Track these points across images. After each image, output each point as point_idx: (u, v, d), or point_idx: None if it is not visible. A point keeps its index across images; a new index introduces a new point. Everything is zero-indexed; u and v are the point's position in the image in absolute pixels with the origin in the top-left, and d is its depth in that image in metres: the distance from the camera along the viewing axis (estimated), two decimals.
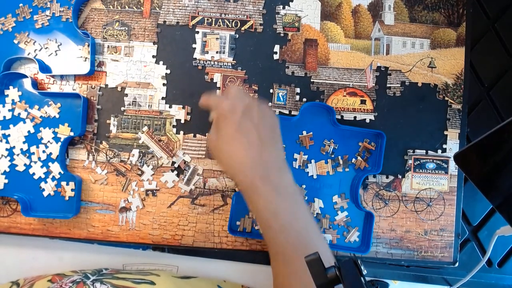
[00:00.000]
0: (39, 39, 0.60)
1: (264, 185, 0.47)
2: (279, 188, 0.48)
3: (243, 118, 0.48)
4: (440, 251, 0.60)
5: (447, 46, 0.63)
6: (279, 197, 0.48)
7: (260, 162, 0.48)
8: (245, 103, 0.49)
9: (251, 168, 0.47)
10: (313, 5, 0.62)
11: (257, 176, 0.47)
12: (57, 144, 0.58)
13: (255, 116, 0.49)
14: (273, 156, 0.50)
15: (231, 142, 0.48)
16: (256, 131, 0.48)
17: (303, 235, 0.48)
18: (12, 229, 0.59)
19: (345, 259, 0.37)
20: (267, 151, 0.49)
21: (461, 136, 0.61)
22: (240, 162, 0.47)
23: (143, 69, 0.61)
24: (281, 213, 0.47)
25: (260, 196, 0.47)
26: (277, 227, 0.47)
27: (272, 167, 0.49)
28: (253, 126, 0.48)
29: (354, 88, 0.62)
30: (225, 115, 0.48)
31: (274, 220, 0.47)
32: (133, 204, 0.59)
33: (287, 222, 0.47)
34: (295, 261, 0.46)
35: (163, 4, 0.61)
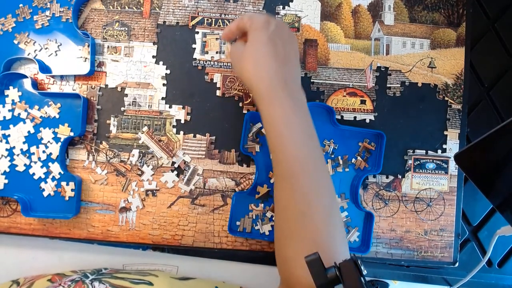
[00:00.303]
0: (39, 40, 0.60)
1: (284, 92, 0.48)
2: (296, 101, 0.49)
3: (275, 32, 0.50)
4: (440, 251, 0.60)
5: (447, 46, 0.63)
6: (296, 108, 0.48)
7: (283, 72, 0.49)
8: (278, 22, 0.52)
9: (275, 74, 0.48)
10: (313, 5, 0.62)
11: (278, 83, 0.48)
12: (57, 144, 0.58)
13: (286, 35, 0.51)
14: (294, 73, 0.51)
15: (261, 49, 0.49)
16: (283, 47, 0.50)
17: (312, 154, 0.49)
18: (12, 229, 0.59)
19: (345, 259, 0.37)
20: (290, 66, 0.51)
21: (461, 136, 0.61)
22: (265, 68, 0.49)
23: (143, 69, 0.61)
24: (295, 124, 0.48)
25: (279, 102, 0.48)
26: (289, 136, 0.48)
27: (292, 80, 0.50)
28: (282, 42, 0.50)
29: (354, 88, 0.62)
30: (258, 26, 0.50)
31: (289, 130, 0.48)
32: (133, 204, 0.59)
33: (300, 135, 0.48)
34: (300, 179, 0.47)
35: (163, 4, 0.61)
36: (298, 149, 0.48)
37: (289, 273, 0.47)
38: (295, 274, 0.46)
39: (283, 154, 0.48)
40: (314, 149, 0.49)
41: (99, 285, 0.49)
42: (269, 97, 0.48)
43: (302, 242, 0.46)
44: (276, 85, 0.48)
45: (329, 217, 0.47)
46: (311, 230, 0.46)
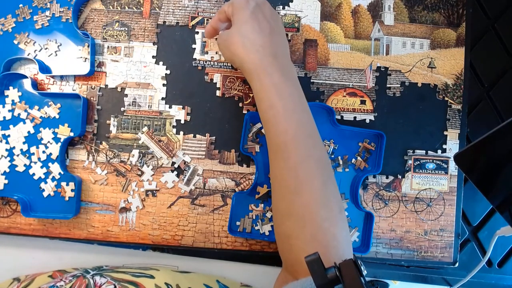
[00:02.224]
0: (39, 40, 0.60)
1: (273, 64, 0.49)
2: (286, 73, 0.49)
3: (256, 9, 0.50)
4: (440, 251, 0.60)
5: (447, 46, 0.63)
6: (286, 81, 0.49)
7: (270, 45, 0.50)
8: (258, 0, 0.52)
9: (262, 47, 0.49)
10: (313, 6, 0.62)
11: (267, 56, 0.49)
12: (57, 145, 0.58)
13: (267, 11, 0.52)
14: (281, 45, 0.52)
15: (245, 25, 0.49)
16: (267, 21, 0.51)
17: (304, 126, 0.49)
18: (12, 229, 0.59)
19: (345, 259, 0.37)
20: (276, 38, 0.51)
21: (461, 136, 0.61)
22: (251, 42, 0.49)
23: (143, 69, 0.61)
24: (286, 95, 0.48)
25: (269, 75, 0.48)
26: (281, 108, 0.48)
27: (281, 53, 0.51)
28: (264, 17, 0.51)
29: (354, 89, 0.62)
30: (239, 6, 0.50)
31: (279, 100, 0.48)
32: (133, 204, 0.59)
33: (290, 107, 0.48)
34: (291, 154, 0.47)
35: (163, 4, 0.61)
36: (290, 120, 0.48)
37: (287, 251, 0.48)
38: (296, 252, 0.46)
39: (275, 125, 0.48)
40: (306, 120, 0.49)
41: (100, 279, 0.49)
42: (260, 70, 0.49)
43: (298, 218, 0.46)
44: (265, 58, 0.49)
45: (324, 191, 0.47)
46: (306, 206, 0.46)
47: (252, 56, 0.49)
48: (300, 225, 0.46)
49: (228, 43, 0.51)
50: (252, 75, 0.49)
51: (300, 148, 0.47)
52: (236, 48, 0.50)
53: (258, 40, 0.49)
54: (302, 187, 0.46)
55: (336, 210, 0.47)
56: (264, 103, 0.49)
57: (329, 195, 0.47)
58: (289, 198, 0.47)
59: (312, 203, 0.46)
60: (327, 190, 0.47)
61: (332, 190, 0.48)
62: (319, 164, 0.48)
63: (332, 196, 0.47)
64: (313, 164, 0.47)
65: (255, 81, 0.49)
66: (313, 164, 0.47)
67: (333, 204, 0.47)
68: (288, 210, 0.47)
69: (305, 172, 0.46)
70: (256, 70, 0.49)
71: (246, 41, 0.49)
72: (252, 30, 0.49)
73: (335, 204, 0.47)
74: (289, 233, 0.47)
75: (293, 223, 0.46)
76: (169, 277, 0.54)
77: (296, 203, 0.46)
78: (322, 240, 0.44)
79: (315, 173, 0.47)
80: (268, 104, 0.48)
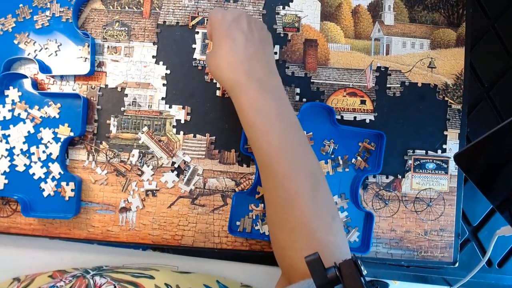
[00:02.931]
0: (39, 40, 0.60)
1: (248, 82, 0.48)
2: (266, 87, 0.48)
3: (232, 26, 0.50)
4: (440, 251, 0.60)
5: (447, 46, 0.63)
6: (265, 95, 0.48)
7: (247, 62, 0.49)
8: (235, 14, 0.51)
9: (236, 65, 0.48)
10: (313, 6, 0.62)
11: (242, 73, 0.48)
12: (57, 145, 0.58)
13: (245, 26, 0.50)
14: (261, 59, 0.50)
15: (220, 44, 0.49)
16: (243, 35, 0.50)
17: (287, 139, 0.48)
18: (12, 229, 0.59)
19: (345, 259, 0.38)
20: (254, 54, 0.50)
21: (461, 136, 0.61)
22: (227, 61, 0.49)
23: (143, 69, 0.61)
24: (265, 112, 0.47)
25: (244, 92, 0.48)
26: (260, 126, 0.47)
27: (259, 67, 0.49)
28: (241, 31, 0.50)
29: (354, 88, 0.62)
30: (215, 24, 0.50)
31: (257, 119, 0.47)
32: (133, 204, 0.59)
33: (270, 121, 0.47)
34: (277, 169, 0.46)
35: (163, 4, 0.61)
36: (270, 137, 0.47)
37: (285, 261, 0.47)
38: (291, 262, 0.46)
39: (257, 144, 0.48)
40: (290, 133, 0.48)
41: (100, 279, 0.49)
42: (237, 89, 0.48)
43: (291, 230, 0.46)
44: (241, 76, 0.48)
45: (313, 201, 0.46)
46: (298, 217, 0.45)
47: (228, 76, 0.49)
48: (293, 237, 0.45)
49: (209, 66, 0.51)
50: (231, 94, 0.50)
51: (285, 163, 0.47)
52: (214, 68, 0.50)
53: (233, 59, 0.48)
54: (292, 199, 0.46)
55: (328, 218, 0.46)
56: (245, 121, 0.49)
57: (320, 204, 0.47)
58: (280, 211, 0.47)
59: (303, 214, 0.45)
60: (317, 199, 0.46)
61: (323, 198, 0.47)
62: (307, 174, 0.47)
63: (323, 204, 0.47)
64: (301, 175, 0.47)
65: (234, 100, 0.49)
66: (302, 175, 0.47)
67: (325, 212, 0.46)
68: (280, 223, 0.47)
69: (294, 185, 0.46)
70: (233, 89, 0.48)
71: (221, 61, 0.49)
72: (227, 48, 0.49)
73: (327, 211, 0.47)
74: (283, 244, 0.47)
75: (286, 234, 0.46)
76: (169, 277, 0.54)
77: (287, 216, 0.46)
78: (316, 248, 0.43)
79: (304, 184, 0.46)
80: (248, 123, 0.48)
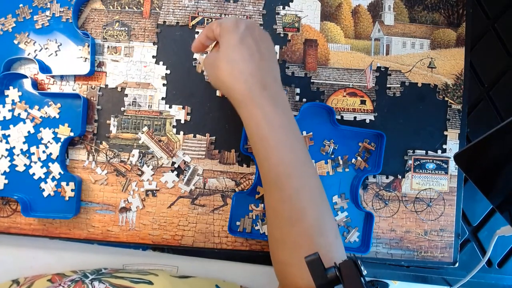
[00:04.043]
0: (39, 40, 0.60)
1: (262, 94, 0.47)
2: (276, 101, 0.48)
3: (246, 33, 0.48)
4: (440, 251, 0.60)
5: (447, 46, 0.63)
6: (277, 109, 0.47)
7: (259, 73, 0.47)
8: (247, 22, 0.50)
9: (251, 76, 0.47)
10: (313, 6, 0.62)
11: (256, 85, 0.47)
12: (57, 145, 0.58)
13: (257, 34, 0.49)
14: (271, 72, 0.50)
15: (233, 53, 0.47)
16: (257, 46, 0.48)
17: (296, 156, 0.47)
18: (12, 229, 0.59)
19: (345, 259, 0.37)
20: (266, 65, 0.49)
21: (461, 136, 0.61)
22: (240, 70, 0.47)
23: (143, 69, 0.61)
24: (277, 125, 0.47)
25: (258, 105, 0.47)
26: (272, 139, 0.46)
27: (271, 80, 0.49)
28: (254, 41, 0.48)
29: (354, 89, 0.62)
30: (228, 29, 0.48)
31: (270, 132, 0.46)
32: (133, 204, 0.59)
33: (282, 137, 0.47)
34: (285, 185, 0.46)
35: (163, 4, 0.61)
36: (282, 152, 0.46)
37: (285, 278, 0.47)
38: (292, 279, 0.46)
39: (267, 158, 0.47)
40: (299, 150, 0.48)
41: (99, 285, 0.49)
42: (249, 100, 0.47)
43: (294, 247, 0.46)
44: (254, 87, 0.47)
45: (319, 220, 0.46)
46: (302, 235, 0.45)
47: (240, 86, 0.47)
48: (295, 254, 0.45)
49: (215, 69, 0.49)
50: (240, 105, 0.48)
51: (293, 179, 0.46)
52: (224, 75, 0.48)
53: (247, 69, 0.47)
54: (297, 217, 0.46)
55: (332, 236, 0.46)
56: (254, 134, 0.48)
57: (324, 223, 0.47)
58: (284, 227, 0.47)
59: (307, 232, 0.45)
60: (322, 217, 0.47)
61: (327, 217, 0.48)
62: (313, 193, 0.47)
63: (327, 222, 0.47)
64: (307, 193, 0.47)
65: (244, 111, 0.48)
66: (308, 193, 0.47)
67: (328, 231, 0.47)
68: (283, 239, 0.47)
69: (300, 203, 0.46)
70: (244, 100, 0.47)
71: (234, 69, 0.47)
72: (241, 57, 0.47)
73: (331, 230, 0.47)
74: (284, 260, 0.47)
75: (288, 251, 0.46)
76: (168, 283, 0.54)
77: (291, 233, 0.46)
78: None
79: (310, 203, 0.46)
80: (259, 136, 0.47)
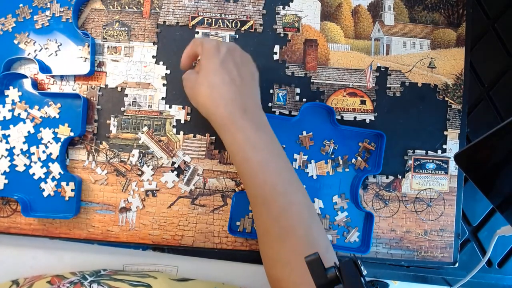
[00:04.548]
0: (39, 40, 0.60)
1: (243, 118, 0.47)
2: (258, 124, 0.48)
3: (227, 56, 0.49)
4: (440, 251, 0.60)
5: (447, 46, 0.63)
6: (258, 132, 0.48)
7: (240, 97, 0.48)
8: (229, 45, 0.51)
9: (231, 101, 0.48)
10: (313, 6, 0.62)
11: (236, 109, 0.47)
12: (57, 145, 0.58)
13: (238, 58, 0.50)
14: (252, 95, 0.51)
15: (213, 76, 0.48)
16: (237, 70, 0.49)
17: (281, 174, 0.48)
18: (12, 229, 0.59)
19: (345, 259, 0.37)
20: (246, 89, 0.50)
21: (461, 136, 0.61)
22: (220, 95, 0.48)
23: (143, 69, 0.61)
24: (260, 147, 0.47)
25: (240, 128, 0.47)
26: (256, 161, 0.47)
27: (251, 104, 0.49)
28: (235, 65, 0.49)
29: (354, 89, 0.62)
30: (209, 52, 0.49)
31: (253, 153, 0.47)
32: (133, 204, 0.59)
33: (265, 158, 0.47)
34: (272, 204, 0.47)
35: (163, 4, 0.61)
36: (266, 172, 0.47)
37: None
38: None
39: (252, 179, 0.48)
40: (283, 169, 0.49)
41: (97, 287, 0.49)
42: (230, 124, 0.47)
43: (286, 264, 0.46)
44: (234, 111, 0.47)
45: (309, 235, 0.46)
46: (292, 251, 0.45)
47: (221, 110, 0.48)
48: (288, 270, 0.45)
49: (195, 92, 0.50)
50: (222, 128, 0.48)
51: (280, 197, 0.47)
52: (204, 99, 0.49)
53: (227, 93, 0.48)
54: (287, 234, 0.46)
55: (323, 250, 0.46)
56: (237, 156, 0.48)
57: (314, 238, 0.47)
58: (275, 245, 0.47)
59: (298, 248, 0.45)
60: (312, 233, 0.47)
61: (317, 231, 0.48)
62: (301, 209, 0.47)
63: (317, 237, 0.47)
64: (295, 210, 0.47)
65: (226, 134, 0.48)
66: (295, 210, 0.47)
67: (319, 245, 0.47)
68: (274, 257, 0.47)
69: (288, 220, 0.46)
70: (226, 124, 0.48)
71: (214, 94, 0.48)
72: (221, 81, 0.48)
73: (322, 244, 0.47)
74: (278, 277, 0.47)
75: (281, 268, 0.46)
76: (167, 286, 0.54)
77: (282, 250, 0.46)
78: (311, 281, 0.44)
79: (298, 219, 0.46)
80: (242, 158, 0.48)
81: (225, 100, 0.47)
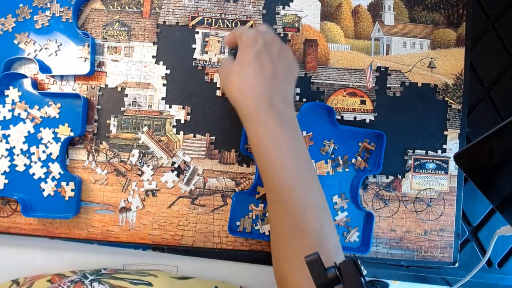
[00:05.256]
0: (39, 40, 0.60)
1: (268, 111, 0.47)
2: (283, 120, 0.48)
3: (263, 49, 0.49)
4: (440, 251, 0.60)
5: (447, 46, 0.63)
6: (282, 128, 0.48)
7: (269, 90, 0.48)
8: (268, 38, 0.51)
9: (259, 93, 0.47)
10: (313, 6, 0.62)
11: (263, 102, 0.47)
12: (57, 144, 0.58)
13: (275, 51, 0.50)
14: (282, 91, 0.50)
15: (246, 66, 0.48)
16: (272, 63, 0.49)
17: (300, 171, 0.48)
18: (12, 229, 0.59)
19: (345, 259, 0.37)
20: (277, 84, 0.49)
21: (461, 136, 0.61)
22: (250, 86, 0.48)
23: (143, 69, 0.61)
24: (281, 143, 0.47)
25: (263, 121, 0.47)
26: (275, 155, 0.47)
27: (280, 98, 0.49)
28: (270, 59, 0.49)
29: (354, 88, 0.62)
30: (246, 43, 0.49)
31: (273, 148, 0.47)
32: (133, 204, 0.59)
33: (285, 154, 0.47)
34: (288, 201, 0.47)
35: (163, 4, 0.61)
36: (284, 167, 0.47)
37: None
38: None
39: (269, 171, 0.48)
40: (302, 166, 0.49)
41: (98, 286, 0.49)
42: (255, 117, 0.48)
43: (294, 262, 0.46)
44: (261, 104, 0.47)
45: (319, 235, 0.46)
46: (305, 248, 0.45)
47: (247, 101, 0.48)
48: (296, 268, 0.46)
49: (227, 80, 0.50)
50: (246, 119, 0.49)
51: (296, 193, 0.47)
52: (233, 89, 0.49)
53: (257, 86, 0.48)
54: (299, 231, 0.46)
55: (333, 252, 0.46)
56: (258, 148, 0.48)
57: (326, 238, 0.47)
58: (286, 240, 0.47)
59: (309, 247, 0.45)
60: (324, 233, 0.47)
61: (330, 231, 0.48)
62: (316, 208, 0.48)
63: (329, 237, 0.47)
64: (310, 208, 0.47)
65: (249, 126, 0.49)
66: (311, 208, 0.47)
67: (330, 247, 0.47)
68: (285, 253, 0.47)
69: (302, 217, 0.46)
70: (251, 115, 0.48)
71: (244, 84, 0.48)
72: (253, 73, 0.48)
73: (332, 246, 0.47)
74: (286, 274, 0.47)
75: (290, 265, 0.47)
76: (167, 284, 0.54)
77: (293, 246, 0.46)
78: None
79: (312, 218, 0.47)
80: (263, 150, 0.48)
81: (253, 92, 0.48)
